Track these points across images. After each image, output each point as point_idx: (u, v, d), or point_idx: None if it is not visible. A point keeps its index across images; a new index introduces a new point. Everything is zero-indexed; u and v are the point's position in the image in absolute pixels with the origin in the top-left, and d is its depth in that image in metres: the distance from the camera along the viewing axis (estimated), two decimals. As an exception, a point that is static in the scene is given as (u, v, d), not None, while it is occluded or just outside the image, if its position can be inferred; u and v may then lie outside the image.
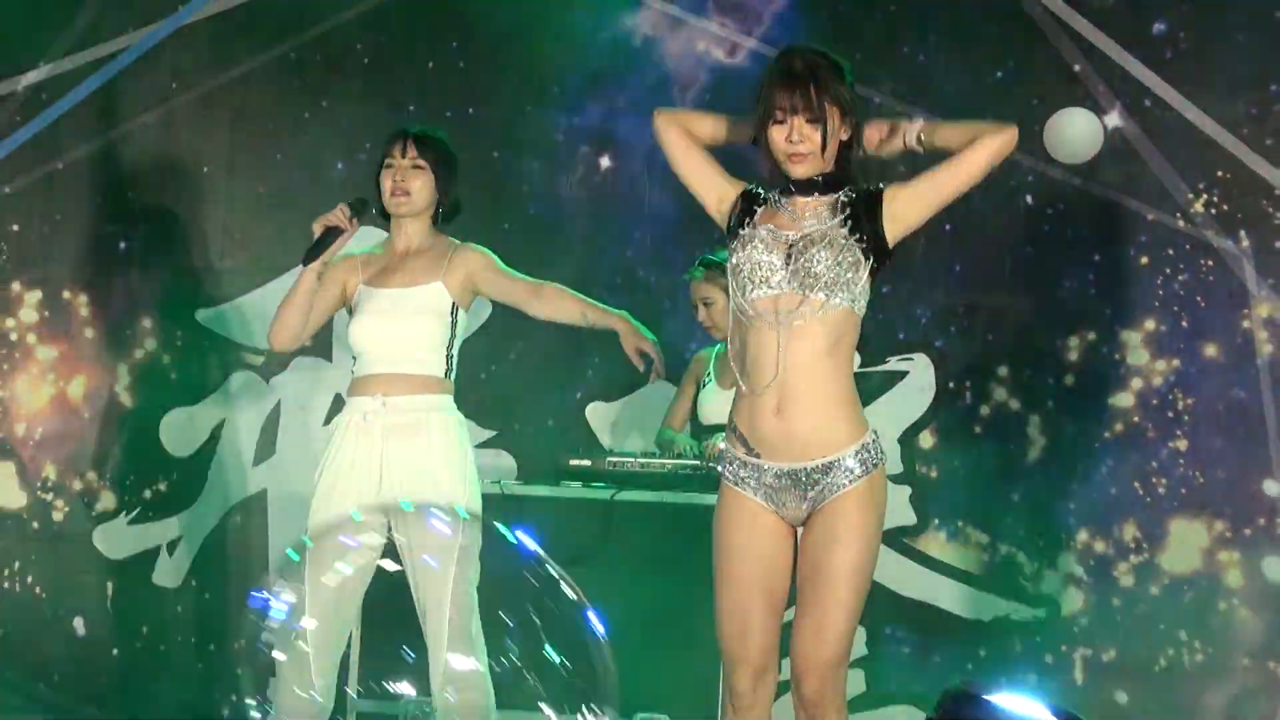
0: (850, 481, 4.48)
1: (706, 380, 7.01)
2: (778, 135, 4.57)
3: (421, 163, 5.56)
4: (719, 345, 6.96)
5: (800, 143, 4.54)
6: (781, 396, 4.48)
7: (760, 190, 4.72)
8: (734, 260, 4.60)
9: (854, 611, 4.51)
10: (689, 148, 4.79)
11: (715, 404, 6.89)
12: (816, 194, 4.60)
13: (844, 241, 4.49)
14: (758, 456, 4.54)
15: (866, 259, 4.50)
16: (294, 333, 5.56)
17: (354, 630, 6.07)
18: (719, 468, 4.68)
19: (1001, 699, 4.18)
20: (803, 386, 4.46)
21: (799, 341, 4.46)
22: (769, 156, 4.62)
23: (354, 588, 5.47)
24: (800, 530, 4.58)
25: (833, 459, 4.47)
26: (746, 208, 4.68)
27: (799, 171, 4.58)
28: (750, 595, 4.58)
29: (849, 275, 4.47)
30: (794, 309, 4.46)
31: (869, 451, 4.51)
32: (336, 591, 5.40)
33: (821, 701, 4.45)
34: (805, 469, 4.48)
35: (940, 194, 4.58)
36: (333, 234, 5.46)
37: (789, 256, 4.52)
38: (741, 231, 4.63)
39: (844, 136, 4.59)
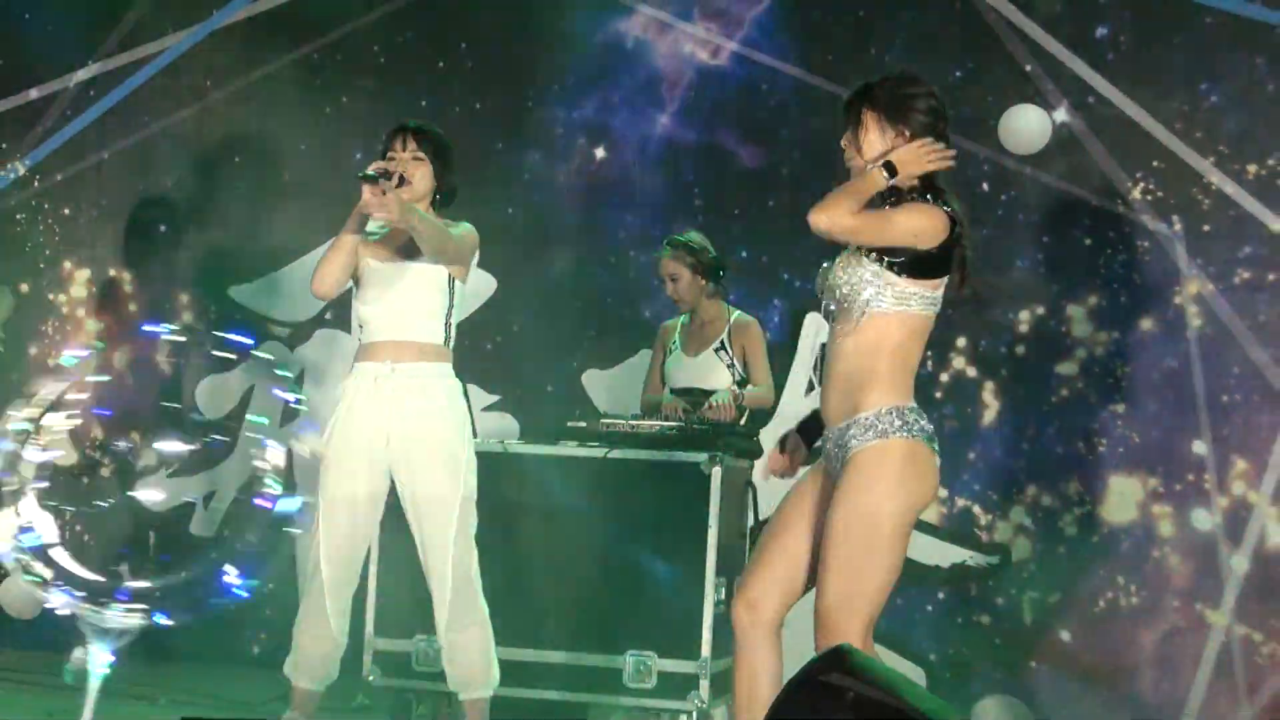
0: (860, 443, 4.36)
1: (672, 348, 7.01)
2: None
3: (421, 154, 5.58)
4: (683, 316, 7.01)
5: (844, 149, 4.60)
6: (829, 381, 4.48)
7: None
8: None
9: (846, 568, 4.30)
10: None
11: (682, 370, 6.96)
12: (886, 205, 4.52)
13: (855, 257, 4.46)
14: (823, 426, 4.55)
15: (888, 268, 4.40)
16: (335, 279, 5.52)
17: (370, 573, 6.14)
18: None
19: None
20: (842, 371, 4.45)
21: (843, 344, 4.45)
22: None
23: (363, 535, 5.55)
24: None
25: (852, 420, 4.38)
26: None
27: (853, 174, 4.59)
28: (767, 533, 4.59)
29: (870, 288, 4.40)
30: (836, 324, 4.51)
31: (880, 419, 4.35)
32: (349, 539, 5.49)
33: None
34: (835, 430, 4.44)
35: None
36: (384, 175, 5.42)
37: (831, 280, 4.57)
38: None
39: (884, 144, 4.50)
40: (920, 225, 4.40)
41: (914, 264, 4.41)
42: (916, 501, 4.41)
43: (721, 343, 6.95)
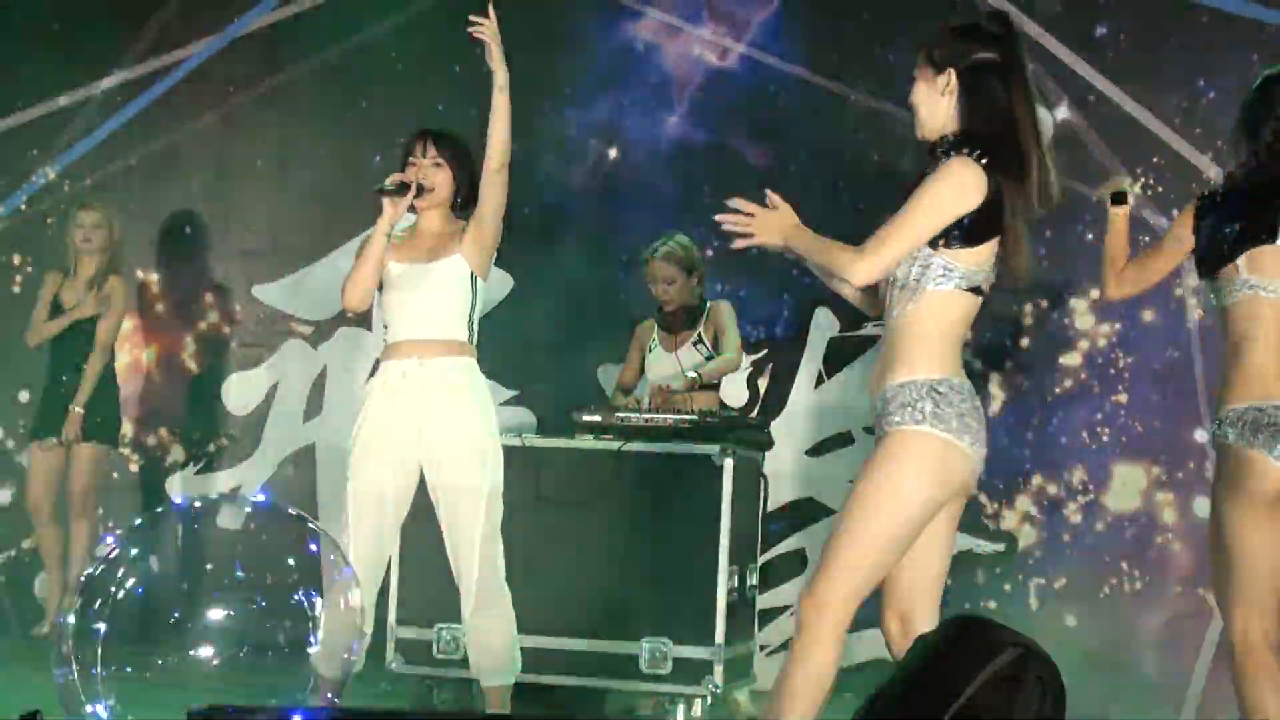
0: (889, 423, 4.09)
1: (653, 345, 7.06)
2: None
3: (440, 160, 5.57)
4: (656, 315, 7.07)
5: None
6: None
7: None
8: None
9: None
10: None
11: (663, 364, 7.00)
12: None
13: None
14: None
15: (929, 243, 4.07)
16: (368, 290, 5.53)
17: (393, 564, 6.11)
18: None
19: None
20: (882, 349, 4.18)
21: (887, 323, 4.18)
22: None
23: (391, 528, 5.53)
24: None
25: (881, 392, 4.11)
26: None
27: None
28: None
29: (911, 266, 4.09)
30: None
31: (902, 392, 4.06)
32: (376, 532, 5.48)
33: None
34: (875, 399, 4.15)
35: None
36: (403, 188, 5.47)
37: None
38: None
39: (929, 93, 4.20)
40: (945, 191, 3.98)
41: (953, 234, 4.00)
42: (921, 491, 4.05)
43: (699, 335, 7.00)
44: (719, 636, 6.20)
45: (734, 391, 7.65)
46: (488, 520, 5.44)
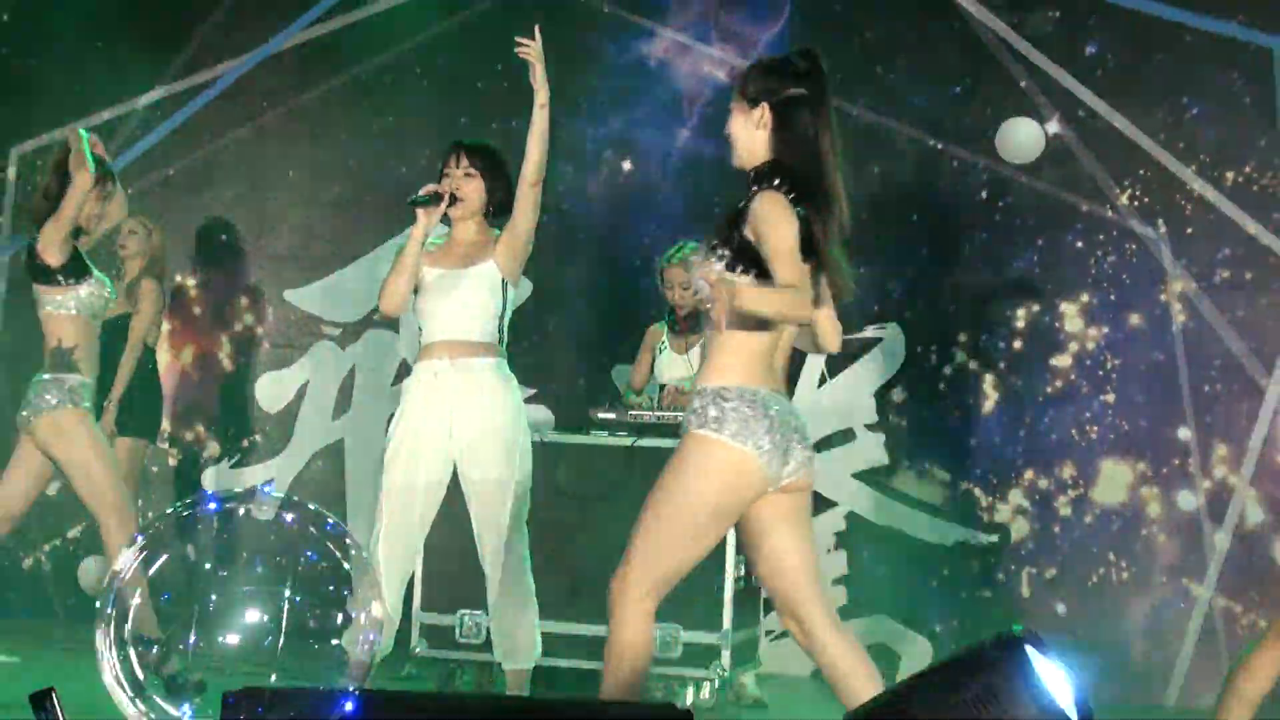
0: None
1: (662, 348, 7.07)
2: None
3: (473, 170, 5.60)
4: (668, 317, 7.09)
5: None
6: None
7: None
8: None
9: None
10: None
11: (673, 366, 7.04)
12: None
13: (706, 259, 4.14)
14: None
15: (739, 273, 4.05)
16: (404, 296, 5.54)
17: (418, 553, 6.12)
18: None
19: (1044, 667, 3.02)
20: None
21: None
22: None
23: (420, 520, 5.56)
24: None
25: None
26: None
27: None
28: None
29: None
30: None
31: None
32: (406, 523, 5.52)
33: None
34: None
35: None
36: (435, 198, 5.51)
37: None
38: None
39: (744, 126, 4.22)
40: (785, 216, 3.96)
41: (763, 261, 3.96)
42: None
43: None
44: (726, 622, 6.27)
45: (741, 391, 7.77)
46: (515, 511, 5.50)
